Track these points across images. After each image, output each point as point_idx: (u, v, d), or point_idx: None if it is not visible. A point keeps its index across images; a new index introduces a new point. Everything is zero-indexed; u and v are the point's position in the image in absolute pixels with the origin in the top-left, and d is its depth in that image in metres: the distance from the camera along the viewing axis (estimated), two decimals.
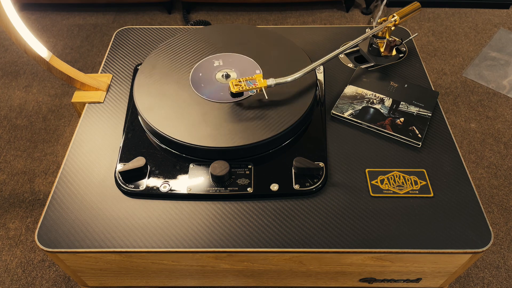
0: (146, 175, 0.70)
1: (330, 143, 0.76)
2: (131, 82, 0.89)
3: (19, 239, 1.11)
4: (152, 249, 0.63)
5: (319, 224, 0.65)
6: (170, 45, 0.90)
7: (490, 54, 1.68)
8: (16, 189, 1.22)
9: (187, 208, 0.67)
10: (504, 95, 1.51)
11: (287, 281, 0.74)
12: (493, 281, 1.04)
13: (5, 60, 1.65)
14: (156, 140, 0.75)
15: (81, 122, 0.81)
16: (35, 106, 1.47)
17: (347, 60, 0.93)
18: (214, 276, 0.73)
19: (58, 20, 1.86)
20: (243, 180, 0.69)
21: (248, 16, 1.91)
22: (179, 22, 1.87)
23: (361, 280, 0.74)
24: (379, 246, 0.63)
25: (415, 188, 0.69)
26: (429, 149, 0.75)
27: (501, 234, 1.12)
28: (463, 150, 1.33)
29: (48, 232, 0.64)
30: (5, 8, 0.68)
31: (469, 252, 0.63)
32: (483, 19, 1.87)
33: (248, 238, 0.64)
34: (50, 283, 1.03)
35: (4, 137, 1.36)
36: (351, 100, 0.82)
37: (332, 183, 0.70)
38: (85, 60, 1.66)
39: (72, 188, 0.70)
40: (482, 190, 1.22)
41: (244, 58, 0.87)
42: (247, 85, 0.75)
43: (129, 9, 1.94)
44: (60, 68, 0.81)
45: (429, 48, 1.72)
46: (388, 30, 0.90)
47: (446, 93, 1.52)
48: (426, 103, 0.82)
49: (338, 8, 1.94)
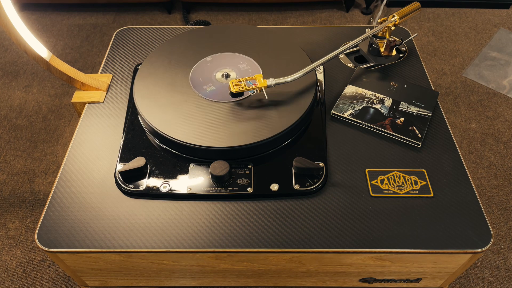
0: (146, 175, 0.70)
1: (330, 143, 0.76)
2: (131, 82, 0.89)
3: (19, 239, 1.11)
4: (152, 249, 0.63)
5: (319, 224, 0.65)
6: (170, 45, 0.90)
7: (490, 54, 1.68)
8: (16, 189, 1.22)
9: (187, 208, 0.67)
10: (504, 95, 1.51)
11: (287, 281, 0.74)
12: (493, 281, 1.04)
13: (5, 60, 1.65)
14: (156, 140, 0.75)
15: (81, 122, 0.81)
16: (35, 106, 1.47)
17: (347, 60, 0.93)
18: (214, 276, 0.73)
19: (58, 20, 1.86)
20: (243, 180, 0.69)
21: (248, 16, 1.91)
22: (179, 22, 1.87)
23: (361, 280, 0.74)
24: (379, 246, 0.63)
25: (415, 188, 0.69)
26: (429, 149, 0.75)
27: (501, 234, 1.12)
28: (463, 150, 1.33)
29: (48, 232, 0.65)
30: (5, 8, 0.68)
31: (469, 252, 0.63)
32: (483, 19, 1.87)
33: (248, 238, 0.64)
34: (50, 283, 1.03)
35: (4, 137, 1.36)
36: (351, 100, 0.82)
37: (332, 183, 0.70)
38: (85, 60, 1.66)
39: (72, 188, 0.70)
40: (482, 190, 1.22)
41: (244, 58, 0.87)
42: (247, 85, 0.75)
43: (129, 9, 1.93)
44: (60, 68, 0.81)
45: (429, 48, 1.72)
46: (388, 30, 0.90)
47: (446, 93, 1.52)
48: (426, 103, 0.82)
49: (338, 8, 1.94)
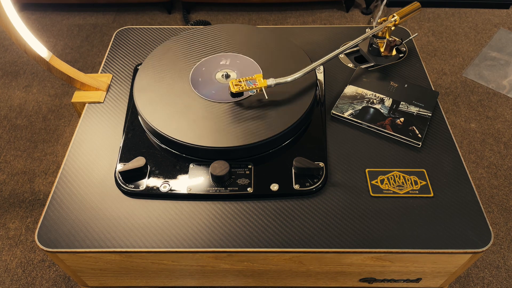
0: (146, 175, 0.70)
1: (330, 143, 0.76)
2: (131, 82, 0.89)
3: (19, 239, 1.11)
4: (152, 249, 0.63)
5: (319, 224, 0.65)
6: (170, 45, 0.90)
7: (490, 54, 1.68)
8: (16, 189, 1.22)
9: (187, 208, 0.67)
10: (504, 95, 1.51)
11: (287, 281, 0.74)
12: (493, 281, 1.04)
13: (5, 60, 1.65)
14: (156, 140, 0.75)
15: (81, 122, 0.81)
16: (35, 106, 1.47)
17: (347, 60, 0.93)
18: (214, 276, 0.73)
19: (58, 20, 1.86)
20: (243, 180, 0.69)
21: (248, 16, 1.91)
22: (179, 22, 1.87)
23: (361, 280, 0.74)
24: (379, 246, 0.63)
25: (415, 188, 0.69)
26: (429, 149, 0.75)
27: (501, 234, 1.12)
28: (463, 150, 1.33)
29: (48, 232, 0.65)
30: (5, 8, 0.68)
31: (469, 252, 0.63)
32: (483, 19, 1.87)
33: (248, 238, 0.64)
34: (50, 283, 1.03)
35: (4, 137, 1.36)
36: (351, 100, 0.82)
37: (332, 183, 0.70)
38: (85, 60, 1.66)
39: (72, 188, 0.70)
40: (482, 190, 1.22)
41: (244, 58, 0.87)
42: (247, 85, 0.75)
43: (129, 9, 1.93)
44: (60, 68, 0.81)
45: (429, 48, 1.72)
46: (388, 30, 0.90)
47: (446, 93, 1.52)
48: (426, 103, 0.82)
49: (338, 8, 1.94)
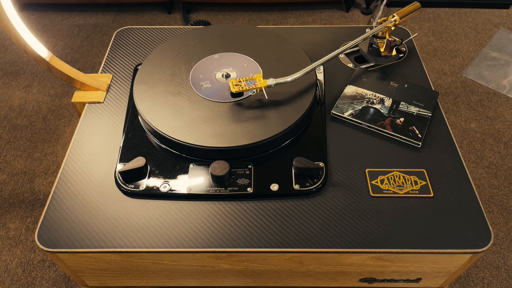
0: (146, 175, 0.70)
1: (330, 143, 0.76)
2: (131, 82, 0.89)
3: (19, 239, 1.11)
4: (152, 249, 0.63)
5: (319, 224, 0.65)
6: (170, 45, 0.90)
7: (490, 54, 1.68)
8: (16, 189, 1.22)
9: (187, 208, 0.67)
10: (504, 95, 1.51)
11: (287, 281, 0.74)
12: (493, 281, 1.04)
13: (5, 60, 1.65)
14: (156, 140, 0.75)
15: (81, 122, 0.81)
16: (35, 106, 1.47)
17: (347, 60, 0.93)
18: (214, 276, 0.73)
19: (58, 20, 1.86)
20: (243, 180, 0.69)
21: (248, 16, 1.91)
22: (179, 22, 1.87)
23: (361, 280, 0.74)
24: (379, 246, 0.63)
25: (415, 188, 0.69)
26: (429, 149, 0.75)
27: (501, 234, 1.12)
28: (463, 150, 1.33)
29: (48, 232, 0.65)
30: (5, 8, 0.68)
31: (469, 252, 0.63)
32: (483, 19, 1.87)
33: (248, 238, 0.64)
34: (50, 283, 1.03)
35: (4, 137, 1.36)
36: (351, 100, 0.82)
37: (332, 183, 0.70)
38: (85, 60, 1.66)
39: (72, 188, 0.70)
40: (482, 190, 1.22)
41: (244, 58, 0.87)
42: (247, 85, 0.75)
43: (129, 9, 1.93)
44: (60, 68, 0.81)
45: (429, 48, 1.72)
46: (388, 30, 0.90)
47: (446, 93, 1.52)
48: (426, 103, 0.81)
49: (338, 8, 1.94)
